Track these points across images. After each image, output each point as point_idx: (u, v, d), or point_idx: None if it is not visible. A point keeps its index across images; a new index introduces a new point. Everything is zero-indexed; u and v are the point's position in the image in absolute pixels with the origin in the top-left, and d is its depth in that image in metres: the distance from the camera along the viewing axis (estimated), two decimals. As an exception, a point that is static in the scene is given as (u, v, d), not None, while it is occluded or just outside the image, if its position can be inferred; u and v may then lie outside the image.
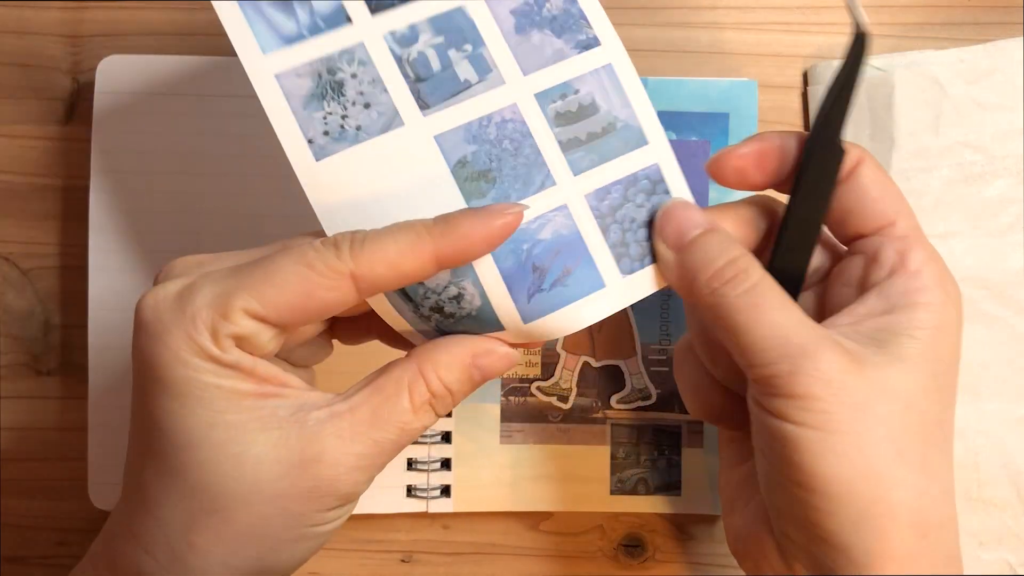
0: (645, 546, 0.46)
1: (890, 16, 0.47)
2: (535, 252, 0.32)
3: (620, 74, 0.35)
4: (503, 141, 0.34)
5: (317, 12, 0.33)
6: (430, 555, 0.46)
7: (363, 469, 0.30)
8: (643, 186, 0.34)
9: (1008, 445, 0.44)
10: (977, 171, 0.44)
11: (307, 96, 0.33)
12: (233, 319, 0.28)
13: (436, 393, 0.31)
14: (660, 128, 0.35)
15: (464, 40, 0.34)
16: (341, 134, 0.33)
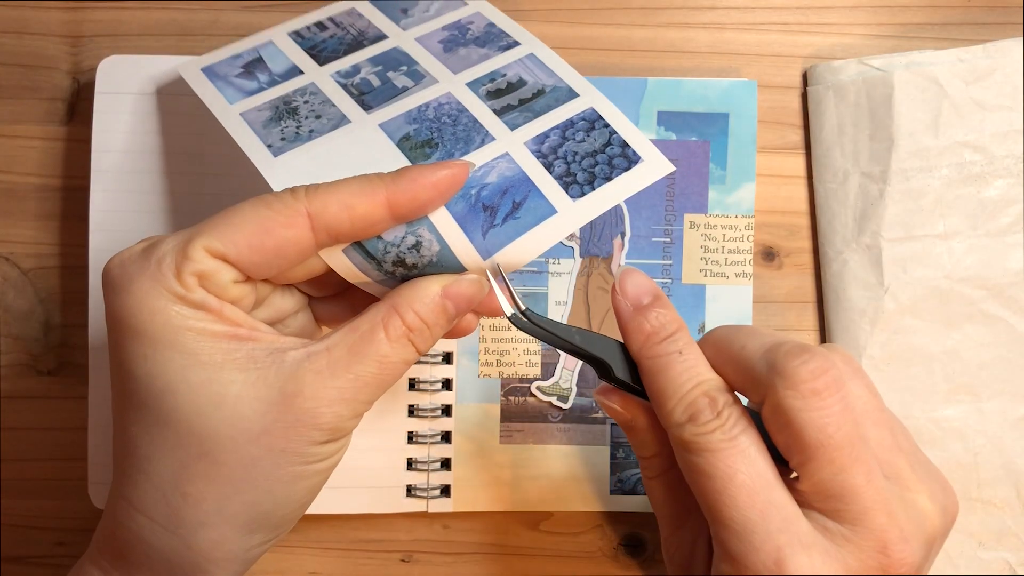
0: (645, 546, 0.46)
1: (890, 16, 0.47)
2: (483, 194, 0.35)
3: (542, 57, 0.40)
4: (441, 118, 0.38)
5: (275, 72, 0.40)
6: (430, 555, 0.46)
7: (345, 402, 0.30)
8: (581, 126, 0.38)
9: (1007, 445, 0.44)
10: (977, 171, 0.44)
11: (266, 120, 0.38)
12: (194, 256, 0.29)
13: (412, 326, 0.31)
14: (590, 84, 0.39)
15: (400, 64, 0.40)
16: (296, 137, 0.37)
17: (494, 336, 0.45)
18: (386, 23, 0.42)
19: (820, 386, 0.28)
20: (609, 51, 0.47)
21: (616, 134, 0.38)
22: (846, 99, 0.45)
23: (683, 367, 0.31)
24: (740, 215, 0.46)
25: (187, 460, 0.29)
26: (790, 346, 0.30)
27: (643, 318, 0.32)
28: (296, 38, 0.41)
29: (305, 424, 0.29)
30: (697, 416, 0.30)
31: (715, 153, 0.46)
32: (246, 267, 0.30)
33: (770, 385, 0.29)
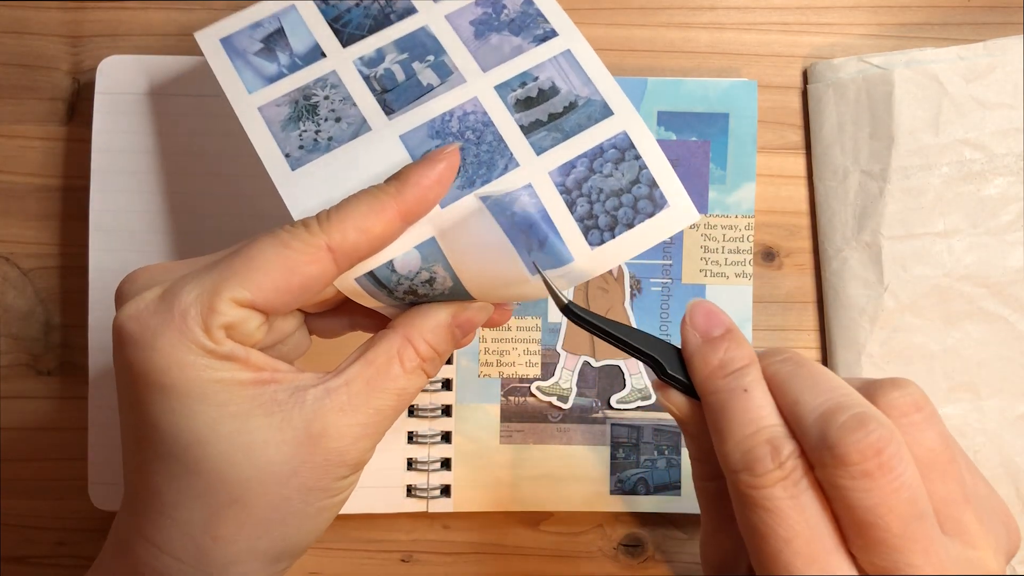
0: (645, 546, 0.46)
1: (890, 16, 0.47)
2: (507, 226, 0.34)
3: (579, 56, 0.37)
4: (465, 132, 0.36)
5: (296, 52, 0.38)
6: (430, 555, 0.46)
7: (368, 437, 0.31)
8: (610, 155, 0.36)
9: (1007, 443, 0.44)
10: (977, 169, 0.44)
11: (285, 120, 0.37)
12: (222, 309, 0.29)
13: (425, 356, 0.32)
14: (625, 99, 0.36)
15: (427, 52, 0.37)
16: (315, 146, 0.36)
17: (494, 336, 0.45)
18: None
19: (873, 467, 0.26)
20: (609, 51, 0.47)
21: (646, 169, 0.36)
22: (846, 97, 0.45)
23: (746, 406, 0.29)
24: (740, 215, 0.46)
25: (217, 507, 0.29)
26: (846, 418, 0.26)
27: (711, 349, 0.30)
28: (320, 3, 0.39)
29: (333, 462, 0.30)
30: (755, 465, 0.27)
31: (715, 153, 0.46)
32: (273, 309, 0.30)
33: (821, 458, 0.26)
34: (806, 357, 0.30)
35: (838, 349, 0.45)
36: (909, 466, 0.26)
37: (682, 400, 0.31)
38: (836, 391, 0.28)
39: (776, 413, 0.29)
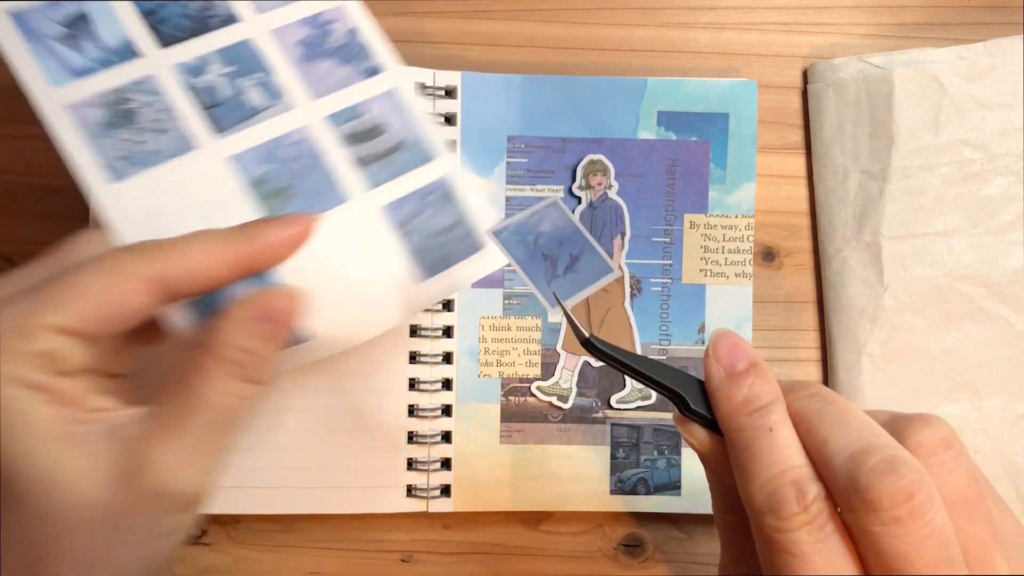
0: (645, 546, 0.46)
1: (890, 16, 0.47)
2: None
3: (403, 97, 0.38)
4: (298, 160, 0.36)
5: (105, 46, 0.35)
6: (430, 555, 0.46)
7: (191, 464, 0.28)
8: (438, 195, 0.37)
9: (1007, 443, 0.44)
10: (977, 169, 0.44)
11: (100, 124, 0.34)
12: (38, 335, 0.27)
13: (239, 361, 0.29)
14: (443, 145, 0.38)
15: (253, 69, 0.37)
16: (137, 158, 0.34)
17: (494, 336, 0.45)
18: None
19: (904, 513, 0.25)
20: (609, 51, 0.47)
21: (464, 216, 0.37)
22: (846, 97, 0.45)
23: (772, 446, 0.28)
24: (740, 215, 0.46)
25: (38, 546, 0.28)
26: (876, 461, 0.26)
27: (735, 385, 0.29)
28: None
29: (153, 498, 0.28)
30: (780, 508, 0.26)
31: (715, 153, 0.46)
32: (92, 336, 0.29)
33: (850, 502, 0.26)
34: (832, 392, 0.29)
35: (838, 349, 0.45)
36: (940, 511, 0.26)
37: (704, 436, 0.30)
38: (865, 431, 0.27)
39: (802, 452, 0.28)
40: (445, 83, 0.45)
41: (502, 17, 0.47)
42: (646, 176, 0.46)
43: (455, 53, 0.46)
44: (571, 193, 0.45)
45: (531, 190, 0.45)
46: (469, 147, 0.45)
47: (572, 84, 0.45)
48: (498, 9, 0.47)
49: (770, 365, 0.46)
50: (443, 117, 0.45)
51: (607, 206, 0.45)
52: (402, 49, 0.46)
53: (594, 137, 0.45)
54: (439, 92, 0.45)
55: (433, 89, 0.45)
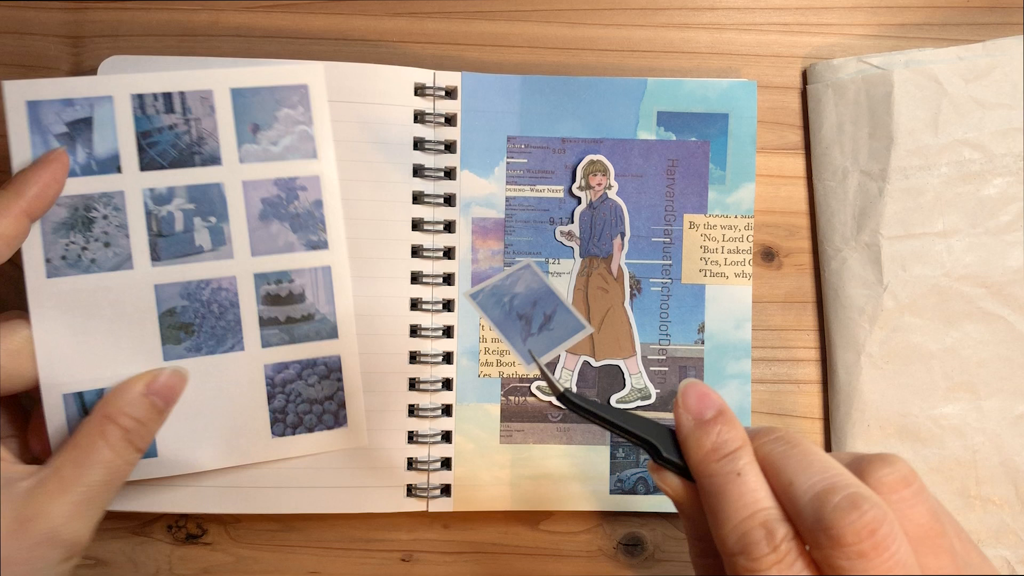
0: (645, 545, 0.46)
1: (890, 16, 0.47)
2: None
3: (336, 277, 0.42)
4: (212, 304, 0.40)
5: (94, 155, 0.40)
6: (430, 554, 0.46)
7: (80, 515, 0.32)
8: (319, 370, 0.42)
9: (1006, 443, 0.44)
10: (976, 169, 0.44)
11: (59, 223, 0.39)
12: None
13: (128, 428, 0.35)
14: (352, 327, 0.42)
15: (211, 212, 0.41)
16: (76, 262, 0.39)
17: (494, 336, 0.45)
18: (230, 137, 0.41)
19: (868, 548, 0.26)
20: (609, 51, 0.47)
21: (341, 392, 0.42)
22: (845, 97, 0.45)
23: (741, 490, 0.29)
24: (740, 215, 0.46)
25: None
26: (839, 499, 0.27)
27: (704, 433, 0.31)
28: (137, 108, 0.40)
29: (45, 545, 0.31)
30: (751, 549, 0.28)
31: (715, 153, 0.46)
32: None
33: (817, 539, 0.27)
34: (797, 435, 0.30)
35: (837, 349, 0.45)
36: (903, 545, 0.27)
37: (678, 483, 0.31)
38: (828, 471, 0.28)
39: (770, 495, 0.29)
40: (445, 83, 0.45)
41: (502, 17, 0.47)
42: (646, 176, 0.46)
43: (455, 53, 0.46)
44: (571, 193, 0.45)
45: (531, 190, 0.45)
46: (469, 147, 0.45)
47: (572, 84, 0.45)
48: (498, 9, 0.47)
49: (770, 365, 0.46)
50: (443, 117, 0.45)
51: (607, 206, 0.45)
52: (402, 49, 0.46)
53: (594, 137, 0.45)
54: (439, 92, 0.45)
55: (433, 89, 0.45)
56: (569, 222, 0.45)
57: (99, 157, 0.40)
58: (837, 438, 0.45)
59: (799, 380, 0.47)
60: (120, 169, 0.40)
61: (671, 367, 0.45)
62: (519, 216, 0.45)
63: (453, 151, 0.45)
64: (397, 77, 0.44)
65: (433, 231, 0.45)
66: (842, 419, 0.45)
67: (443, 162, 0.45)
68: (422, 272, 0.45)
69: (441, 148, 0.45)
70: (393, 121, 0.44)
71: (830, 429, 0.46)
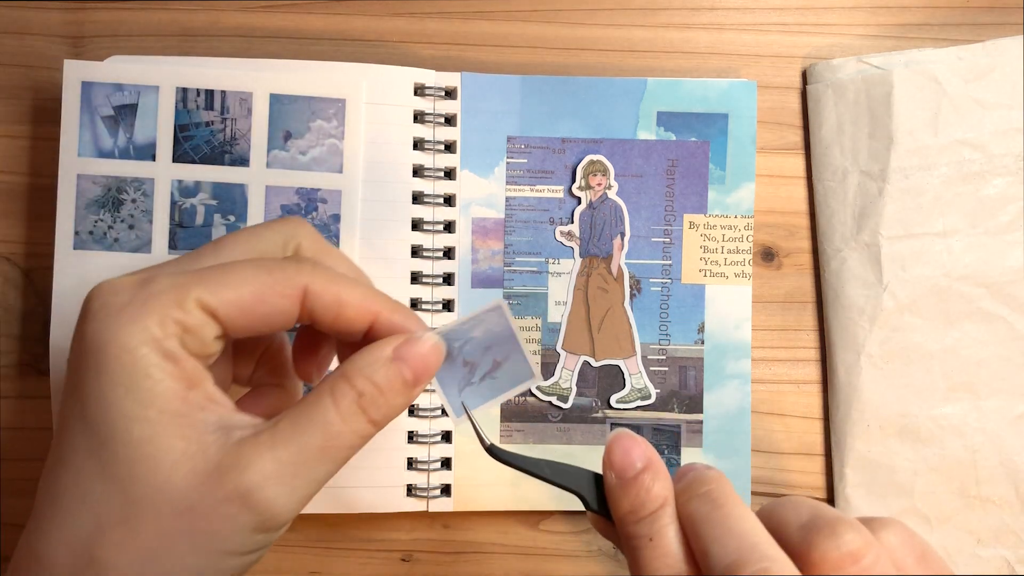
0: (645, 545, 0.46)
1: (889, 16, 0.47)
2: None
3: None
4: None
5: (134, 140, 0.42)
6: (430, 554, 0.46)
7: (283, 481, 0.28)
8: None
9: (1006, 443, 0.44)
10: (976, 169, 0.44)
11: (92, 200, 0.42)
12: (185, 305, 0.28)
13: (363, 391, 0.29)
14: None
15: (232, 211, 0.42)
16: (101, 239, 0.42)
17: (494, 336, 0.45)
18: (261, 141, 0.42)
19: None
20: (609, 51, 0.47)
21: None
22: (845, 97, 0.45)
23: (653, 555, 0.28)
24: (739, 215, 0.46)
25: (106, 523, 0.27)
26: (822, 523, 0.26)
27: (623, 493, 0.29)
28: (179, 100, 0.42)
29: (234, 502, 0.27)
30: None
31: (715, 153, 0.46)
32: (229, 327, 0.29)
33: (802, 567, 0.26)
34: (725, 493, 0.28)
35: (837, 349, 0.45)
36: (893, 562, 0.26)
37: (611, 531, 0.30)
38: (745, 540, 0.26)
39: (683, 561, 0.28)
40: (445, 83, 0.45)
41: (502, 18, 0.47)
42: (646, 176, 0.46)
43: (455, 53, 0.46)
44: (571, 193, 0.45)
45: (531, 190, 0.45)
46: (469, 147, 0.45)
47: (572, 84, 0.45)
48: (498, 10, 0.47)
49: (770, 365, 0.46)
50: (443, 118, 0.45)
51: (607, 206, 0.45)
52: (402, 49, 0.46)
53: (594, 137, 0.45)
54: (439, 92, 0.45)
55: (433, 89, 0.45)
56: (569, 222, 0.45)
57: (138, 143, 0.42)
58: (837, 438, 0.45)
59: (799, 380, 0.47)
60: (155, 158, 0.42)
61: (671, 367, 0.46)
62: (519, 216, 0.45)
63: (453, 151, 0.45)
64: (397, 77, 0.44)
65: (433, 231, 0.45)
66: (842, 419, 0.45)
67: (443, 162, 0.45)
68: (422, 272, 0.45)
69: (441, 148, 0.45)
70: (393, 121, 0.44)
71: (830, 429, 0.46)
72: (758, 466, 0.46)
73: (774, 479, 0.46)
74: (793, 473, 0.46)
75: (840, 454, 0.45)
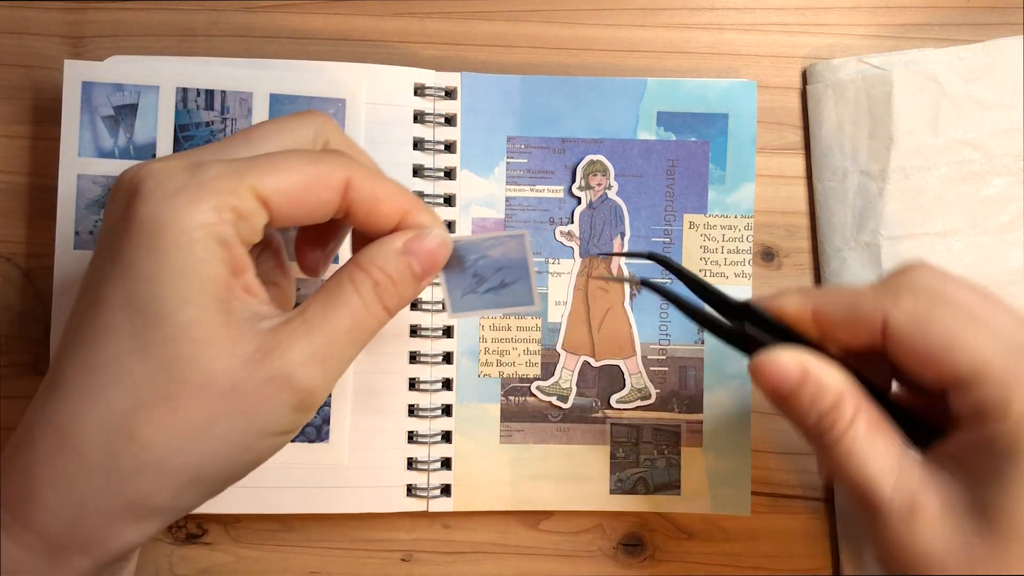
0: (645, 545, 0.46)
1: (889, 16, 0.47)
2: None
3: None
4: None
5: (134, 141, 0.42)
6: (430, 554, 0.46)
7: (319, 363, 0.29)
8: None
9: (1008, 444, 0.44)
10: (976, 169, 0.44)
11: (92, 200, 0.42)
12: (241, 194, 0.28)
13: (378, 281, 0.31)
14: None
15: None
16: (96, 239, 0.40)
17: (494, 336, 0.45)
18: None
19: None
20: (609, 51, 0.47)
21: (329, 405, 0.43)
22: (845, 97, 0.45)
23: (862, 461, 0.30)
24: (739, 215, 0.46)
25: (146, 401, 0.27)
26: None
27: (794, 409, 0.31)
28: (180, 101, 0.42)
29: (277, 382, 0.28)
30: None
31: (715, 153, 0.46)
32: (275, 216, 0.30)
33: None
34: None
35: (837, 349, 0.45)
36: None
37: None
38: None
39: (890, 452, 0.30)
40: (445, 84, 0.45)
41: (502, 18, 0.47)
42: (646, 176, 0.46)
43: (455, 53, 0.46)
44: (571, 193, 0.45)
45: (531, 190, 0.45)
46: (469, 148, 0.45)
47: (572, 84, 0.45)
48: (498, 10, 0.47)
49: (770, 365, 0.46)
50: (443, 118, 0.45)
51: (607, 206, 0.45)
52: (402, 49, 0.46)
53: (594, 137, 0.45)
54: (439, 93, 0.45)
55: (433, 89, 0.45)
56: (569, 222, 0.45)
57: (138, 143, 0.42)
58: (837, 438, 0.45)
59: (799, 380, 0.47)
60: (155, 157, 0.42)
61: (671, 367, 0.46)
62: (519, 216, 0.45)
63: (453, 151, 0.45)
64: (397, 77, 0.44)
65: (433, 231, 0.45)
66: (842, 419, 0.45)
67: (443, 162, 0.45)
68: (422, 272, 0.45)
69: (441, 148, 0.45)
70: (393, 121, 0.44)
71: (830, 429, 0.46)
72: (758, 466, 0.46)
73: (774, 479, 0.46)
74: (793, 473, 0.46)
75: (840, 454, 0.45)
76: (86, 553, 0.28)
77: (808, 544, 0.46)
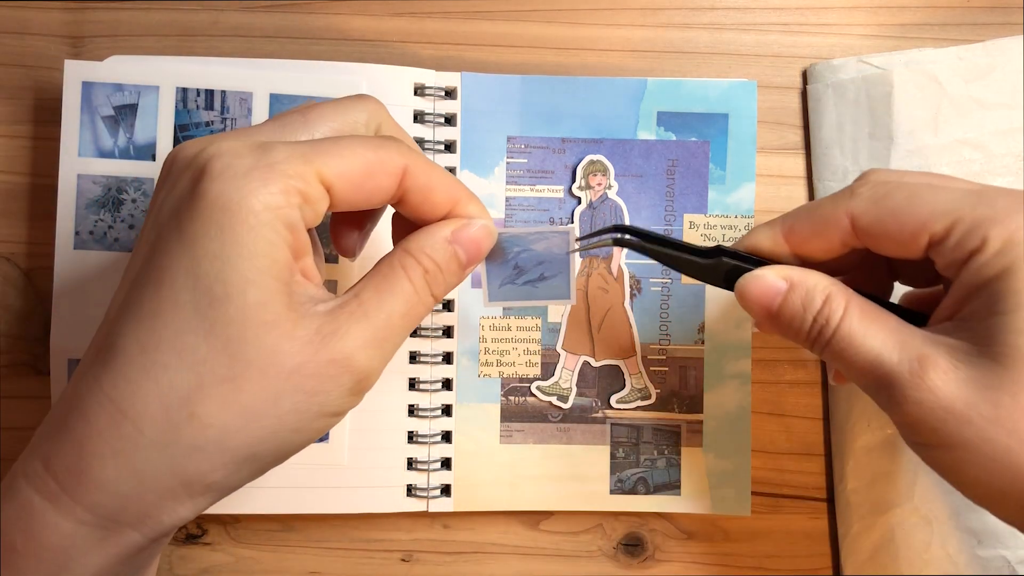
0: (645, 545, 0.46)
1: (889, 16, 0.47)
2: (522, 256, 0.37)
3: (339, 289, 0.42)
4: None
5: (134, 141, 0.42)
6: (430, 554, 0.46)
7: (376, 346, 0.30)
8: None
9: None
10: (976, 169, 0.44)
11: (93, 200, 0.42)
12: (308, 178, 0.29)
13: (428, 269, 0.32)
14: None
15: None
16: (101, 238, 0.42)
17: (494, 336, 0.45)
18: None
19: None
20: (609, 51, 0.47)
21: None
22: (845, 97, 0.45)
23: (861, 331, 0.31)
24: (740, 215, 0.46)
25: (209, 380, 0.28)
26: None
27: (787, 323, 0.33)
28: (179, 101, 0.42)
29: (338, 364, 0.29)
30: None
31: (715, 153, 0.46)
32: (337, 201, 0.30)
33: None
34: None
35: (838, 349, 0.45)
36: None
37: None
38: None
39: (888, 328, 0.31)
40: (445, 83, 0.45)
41: (502, 17, 0.47)
42: (646, 176, 0.46)
43: (455, 53, 0.46)
44: (571, 193, 0.45)
45: (531, 190, 0.45)
46: (469, 147, 0.45)
47: (572, 84, 0.45)
48: (498, 10, 0.47)
49: (770, 365, 0.46)
50: (443, 118, 0.45)
51: (607, 206, 0.45)
52: (402, 49, 0.46)
53: (594, 137, 0.45)
54: (439, 92, 0.45)
55: (433, 89, 0.45)
56: (569, 222, 0.45)
57: (138, 143, 0.42)
58: (837, 438, 0.45)
59: (799, 380, 0.47)
60: (155, 158, 0.42)
61: (671, 367, 0.45)
62: (519, 216, 0.45)
63: (453, 151, 0.45)
64: (397, 77, 0.44)
65: (433, 231, 0.45)
66: (842, 419, 0.45)
67: (443, 162, 0.45)
68: (422, 272, 0.45)
69: (441, 148, 0.45)
70: (393, 121, 0.44)
71: (830, 429, 0.46)
72: (758, 466, 0.46)
73: (774, 479, 0.46)
74: (793, 473, 0.46)
75: (840, 454, 0.45)
76: (138, 528, 0.29)
77: (808, 544, 0.46)
